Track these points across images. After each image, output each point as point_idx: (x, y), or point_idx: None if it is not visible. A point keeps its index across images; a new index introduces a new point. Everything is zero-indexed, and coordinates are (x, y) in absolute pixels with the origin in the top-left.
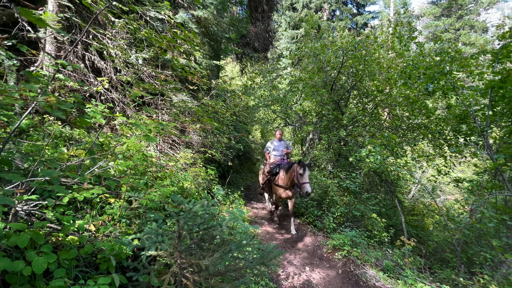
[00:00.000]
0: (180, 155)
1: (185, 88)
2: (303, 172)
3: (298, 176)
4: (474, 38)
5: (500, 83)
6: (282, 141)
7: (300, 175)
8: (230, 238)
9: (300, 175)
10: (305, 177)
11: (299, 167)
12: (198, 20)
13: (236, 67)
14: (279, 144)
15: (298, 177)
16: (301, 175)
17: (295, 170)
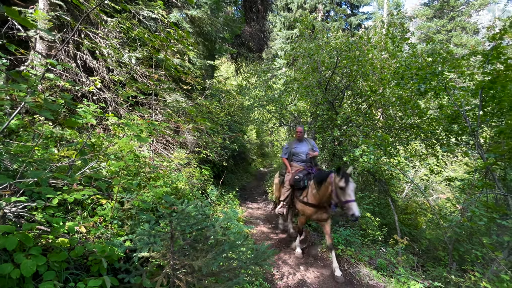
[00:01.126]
0: (174, 155)
1: (179, 88)
2: (345, 185)
3: (338, 190)
4: (465, 40)
5: (490, 83)
6: (305, 142)
7: (341, 189)
8: (224, 238)
9: (341, 190)
10: (349, 193)
11: (339, 177)
12: (192, 20)
13: (231, 67)
14: (300, 145)
15: (338, 193)
16: (343, 190)
17: (333, 182)
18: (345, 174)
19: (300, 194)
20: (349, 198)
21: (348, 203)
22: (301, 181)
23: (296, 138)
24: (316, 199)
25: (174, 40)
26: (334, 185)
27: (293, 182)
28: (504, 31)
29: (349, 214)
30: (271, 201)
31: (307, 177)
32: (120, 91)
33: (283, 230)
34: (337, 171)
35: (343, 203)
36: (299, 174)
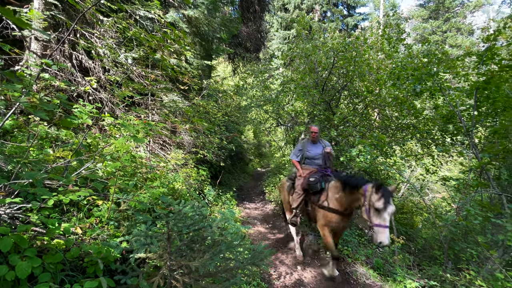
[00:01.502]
0: (171, 155)
1: (176, 88)
2: (383, 206)
3: (372, 210)
4: (460, 40)
5: (484, 84)
6: (320, 144)
7: (377, 211)
8: (221, 239)
9: (376, 211)
10: (385, 217)
11: (377, 195)
12: (189, 20)
13: (228, 67)
14: (315, 148)
15: (372, 212)
16: (378, 212)
17: (368, 197)
18: (386, 193)
19: (317, 198)
20: (382, 223)
21: (379, 227)
22: (318, 183)
23: (310, 139)
24: (341, 205)
25: (170, 40)
26: (368, 201)
27: (307, 185)
28: (498, 32)
29: (375, 239)
30: (268, 201)
31: (324, 178)
32: (116, 91)
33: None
34: (378, 186)
35: (373, 225)
36: (314, 176)
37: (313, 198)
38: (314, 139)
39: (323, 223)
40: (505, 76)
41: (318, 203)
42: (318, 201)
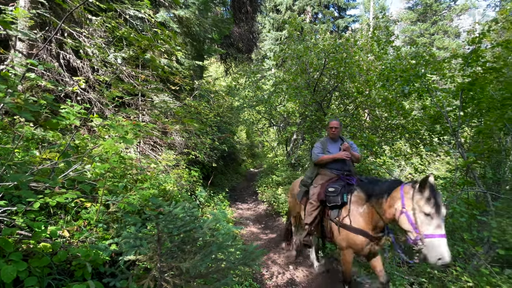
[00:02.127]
0: (162, 156)
1: (167, 89)
2: (435, 209)
3: (418, 215)
4: (447, 43)
5: (469, 85)
6: (340, 142)
7: (427, 216)
8: (212, 239)
9: (425, 217)
10: (438, 222)
11: (423, 195)
12: (180, 20)
13: (221, 67)
14: (335, 146)
15: (418, 220)
16: (429, 218)
17: (409, 200)
18: (434, 191)
19: (337, 214)
20: (436, 232)
21: (432, 238)
22: (338, 196)
23: (329, 136)
24: (367, 222)
25: (161, 41)
26: (411, 206)
27: (324, 196)
28: (483, 35)
29: (429, 256)
30: (261, 202)
31: (346, 189)
32: (105, 92)
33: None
34: (422, 184)
35: (423, 237)
36: (334, 185)
37: (331, 214)
38: (334, 136)
39: (344, 246)
40: (489, 78)
41: (337, 220)
42: (338, 217)
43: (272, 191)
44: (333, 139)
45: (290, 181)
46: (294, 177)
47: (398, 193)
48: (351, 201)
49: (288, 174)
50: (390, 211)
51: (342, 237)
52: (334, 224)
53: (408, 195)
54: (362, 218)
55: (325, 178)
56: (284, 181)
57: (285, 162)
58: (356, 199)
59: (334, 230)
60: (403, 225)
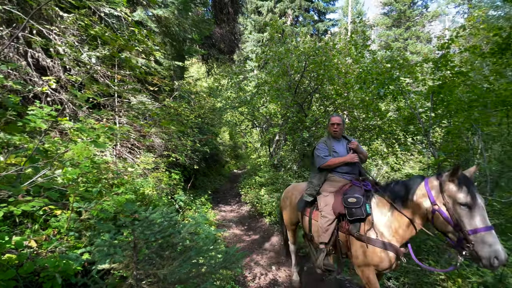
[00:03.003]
0: (140, 159)
1: (145, 89)
2: (472, 200)
3: (456, 210)
4: (420, 48)
5: (439, 88)
6: (344, 141)
7: (467, 208)
8: (192, 244)
9: (464, 210)
10: (482, 213)
11: (455, 184)
12: (158, 19)
13: (202, 68)
14: (340, 146)
15: (457, 215)
16: (469, 210)
17: (440, 194)
18: (466, 179)
19: (357, 228)
20: (481, 225)
21: (480, 233)
22: (361, 207)
23: (331, 135)
24: (396, 233)
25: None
26: (444, 200)
27: (344, 209)
28: (452, 41)
29: (480, 255)
30: (244, 203)
31: (367, 198)
32: (75, 92)
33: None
34: (452, 172)
35: (468, 234)
36: (354, 195)
37: (351, 227)
38: (337, 134)
39: (367, 263)
40: (457, 81)
41: (359, 235)
42: (359, 231)
43: (255, 192)
44: (335, 137)
45: (273, 181)
46: (277, 178)
47: (423, 189)
48: (373, 210)
49: (270, 175)
50: (421, 213)
51: (365, 254)
52: (354, 239)
53: (436, 188)
54: (388, 229)
55: (336, 184)
56: (267, 182)
57: (268, 163)
58: (378, 207)
59: (353, 246)
60: (440, 226)
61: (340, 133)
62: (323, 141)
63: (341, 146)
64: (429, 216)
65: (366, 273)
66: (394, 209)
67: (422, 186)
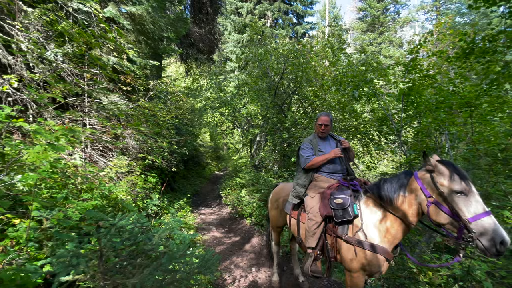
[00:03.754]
0: (113, 163)
1: (118, 89)
2: (467, 186)
3: (453, 199)
4: (392, 52)
5: (409, 90)
6: (331, 140)
7: (462, 195)
8: (165, 250)
9: (461, 198)
10: (478, 199)
11: (444, 174)
12: (132, 17)
13: (181, 68)
14: (326, 145)
15: (453, 203)
16: (465, 197)
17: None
18: (452, 166)
19: (345, 230)
20: (480, 210)
21: (480, 219)
22: (348, 208)
23: (317, 134)
24: (388, 234)
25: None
26: (438, 190)
27: (330, 210)
28: (420, 46)
29: (487, 244)
30: (225, 205)
31: (355, 198)
32: (32, 92)
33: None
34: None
35: (469, 222)
36: (340, 195)
37: (338, 229)
38: (323, 133)
39: (356, 267)
40: (425, 84)
41: (348, 237)
42: (347, 234)
43: (236, 193)
44: (321, 137)
45: (254, 182)
46: (258, 179)
47: (415, 183)
48: (362, 211)
49: (251, 176)
50: (414, 209)
51: (355, 258)
52: (343, 242)
53: (427, 180)
54: (378, 230)
55: (323, 185)
56: (247, 183)
57: (249, 164)
58: (367, 208)
59: (341, 249)
60: (437, 218)
61: (327, 133)
62: (309, 140)
63: (327, 145)
64: (424, 210)
65: (355, 280)
66: (384, 209)
67: (414, 181)
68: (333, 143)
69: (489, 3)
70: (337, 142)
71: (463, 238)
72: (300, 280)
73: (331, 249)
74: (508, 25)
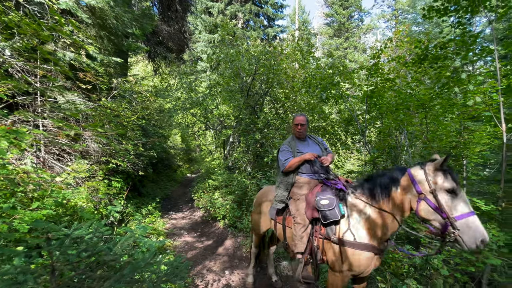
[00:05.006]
0: (71, 167)
1: (76, 87)
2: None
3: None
4: (357, 56)
5: (371, 93)
6: (309, 140)
7: (451, 194)
8: (129, 260)
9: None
10: (465, 199)
11: (439, 173)
12: (92, 10)
13: (149, 66)
14: (305, 146)
15: (444, 201)
16: (454, 196)
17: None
18: (449, 168)
19: (333, 231)
20: (465, 210)
21: (465, 218)
22: (335, 208)
23: (295, 135)
24: (377, 232)
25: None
26: (430, 188)
27: (317, 212)
28: (381, 51)
29: (468, 241)
30: (197, 208)
31: (341, 198)
32: None
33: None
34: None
35: (455, 220)
36: (325, 196)
37: (326, 231)
38: (301, 134)
39: (344, 268)
40: (386, 87)
41: (336, 238)
42: (335, 235)
43: (209, 196)
44: (299, 138)
45: (227, 184)
46: (231, 180)
47: (408, 180)
48: (349, 210)
49: (225, 177)
50: (404, 205)
51: (344, 258)
52: (330, 244)
53: (420, 177)
54: (367, 228)
55: (306, 186)
56: (221, 184)
57: (222, 165)
58: (354, 207)
59: (329, 250)
60: (425, 215)
61: (304, 133)
62: (287, 143)
63: (306, 147)
64: (413, 206)
65: (339, 281)
66: (373, 206)
67: (406, 177)
68: (313, 144)
69: (440, 13)
70: (319, 144)
71: (446, 233)
72: (273, 280)
73: (318, 251)
74: (457, 34)
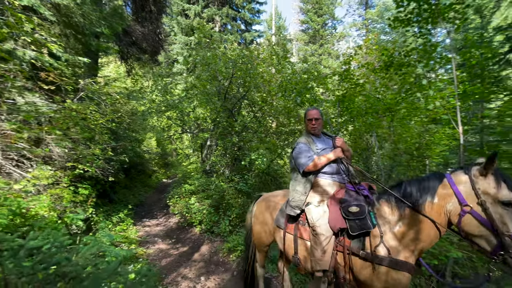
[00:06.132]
0: (31, 174)
1: (38, 88)
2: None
3: (496, 209)
4: (331, 63)
5: (343, 97)
6: (325, 137)
7: (506, 205)
8: (91, 270)
9: (505, 207)
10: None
11: (486, 178)
12: (56, 7)
13: (122, 67)
14: (322, 143)
15: (496, 214)
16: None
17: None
18: (503, 174)
19: (361, 245)
20: None
21: None
22: (366, 217)
23: (310, 132)
24: (411, 247)
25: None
26: (478, 199)
27: (345, 222)
28: (352, 58)
29: None
30: (172, 214)
31: (368, 205)
32: None
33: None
34: (487, 163)
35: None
36: (355, 202)
37: (352, 244)
38: (315, 130)
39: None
40: (356, 92)
41: (366, 253)
42: (364, 249)
43: (185, 201)
44: (315, 133)
45: (204, 188)
46: (208, 184)
47: (448, 188)
48: (379, 220)
49: (202, 182)
50: (441, 218)
51: (377, 277)
52: (358, 260)
53: (465, 185)
54: (400, 243)
55: (328, 190)
56: (198, 189)
57: (199, 169)
58: (385, 216)
59: (356, 268)
60: (471, 230)
61: (320, 128)
62: (303, 140)
63: (323, 144)
64: (453, 220)
65: None
66: (409, 216)
67: (446, 184)
68: (327, 140)
69: (404, 23)
70: (332, 139)
71: (498, 254)
72: None
73: (341, 268)
74: (420, 43)
